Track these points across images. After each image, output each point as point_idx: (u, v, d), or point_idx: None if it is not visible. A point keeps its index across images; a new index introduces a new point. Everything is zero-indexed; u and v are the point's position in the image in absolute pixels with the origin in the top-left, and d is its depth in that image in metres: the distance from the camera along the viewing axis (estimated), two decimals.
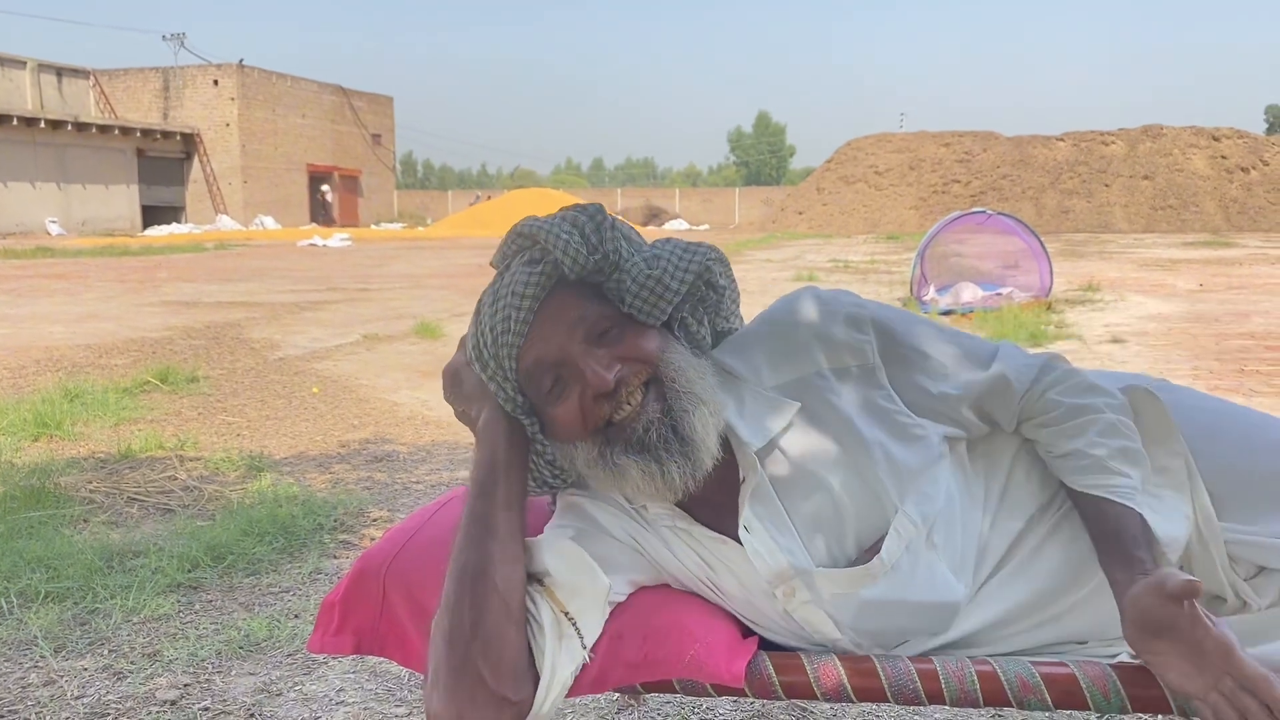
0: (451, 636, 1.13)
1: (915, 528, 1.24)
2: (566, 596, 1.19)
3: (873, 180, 37.21)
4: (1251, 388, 5.80)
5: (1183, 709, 1.16)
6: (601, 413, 1.21)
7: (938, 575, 1.25)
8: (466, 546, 1.18)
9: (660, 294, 1.25)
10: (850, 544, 1.26)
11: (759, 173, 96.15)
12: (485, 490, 1.21)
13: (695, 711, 2.20)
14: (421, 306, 10.57)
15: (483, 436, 1.25)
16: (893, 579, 1.24)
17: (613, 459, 1.22)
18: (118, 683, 2.35)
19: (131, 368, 6.66)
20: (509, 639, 1.13)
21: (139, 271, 16.05)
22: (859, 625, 1.26)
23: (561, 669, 1.16)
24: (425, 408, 5.53)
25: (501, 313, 1.22)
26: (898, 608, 1.25)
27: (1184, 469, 1.33)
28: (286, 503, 3.57)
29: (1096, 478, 1.25)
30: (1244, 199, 33.25)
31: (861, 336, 1.32)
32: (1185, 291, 11.59)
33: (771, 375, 1.31)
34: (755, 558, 1.25)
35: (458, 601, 1.14)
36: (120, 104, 39.88)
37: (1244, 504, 1.32)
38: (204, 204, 39.55)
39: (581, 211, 1.27)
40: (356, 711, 2.22)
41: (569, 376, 1.22)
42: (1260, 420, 1.42)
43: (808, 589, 1.25)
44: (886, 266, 16.35)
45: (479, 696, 1.10)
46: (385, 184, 50.02)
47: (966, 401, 1.32)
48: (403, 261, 19.06)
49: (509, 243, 1.28)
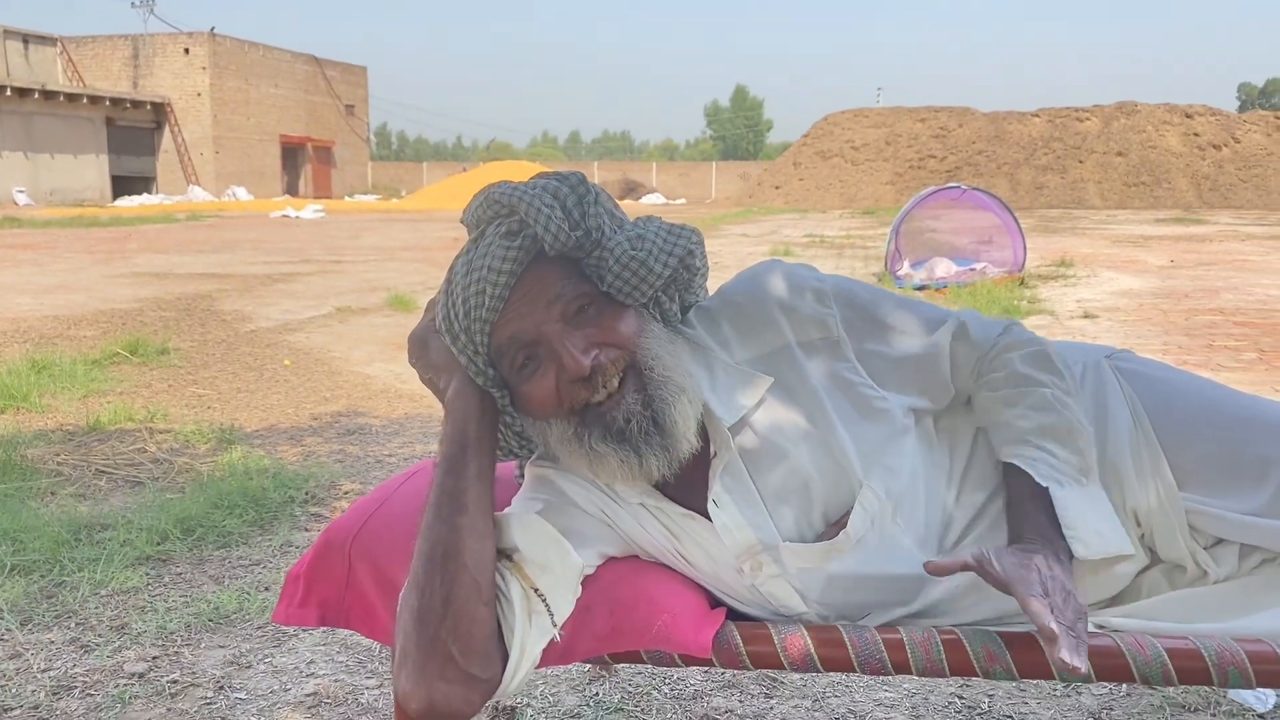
0: (421, 615, 1.10)
1: (880, 502, 1.25)
2: (535, 573, 1.18)
3: (849, 155, 37.19)
4: (1219, 363, 5.86)
5: (1145, 678, 1.17)
6: (578, 396, 1.19)
7: (902, 548, 1.26)
8: (436, 523, 1.15)
9: (643, 276, 1.22)
10: (818, 518, 1.27)
11: (736, 147, 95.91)
12: (455, 465, 1.18)
13: (666, 682, 2.21)
14: (395, 279, 10.50)
15: (452, 409, 1.22)
16: (859, 553, 1.25)
17: (590, 444, 1.20)
18: (85, 655, 2.33)
19: (100, 339, 6.58)
20: (479, 617, 1.11)
21: (109, 242, 15.84)
22: (825, 599, 1.27)
23: (531, 646, 1.14)
24: (398, 380, 5.50)
25: (475, 286, 1.18)
26: (864, 581, 1.26)
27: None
28: (257, 475, 3.55)
29: (1016, 448, 1.27)
30: (1215, 176, 33.49)
31: (825, 310, 1.32)
32: (1156, 268, 11.68)
33: (741, 349, 1.31)
34: (724, 532, 1.25)
35: (427, 580, 1.12)
36: (88, 72, 39.21)
37: (1204, 475, 1.33)
38: (175, 175, 39.03)
39: (563, 182, 1.22)
40: (327, 684, 2.21)
41: (544, 355, 1.19)
42: (1223, 393, 1.43)
43: (775, 564, 1.25)
44: (862, 242, 16.38)
45: (449, 675, 1.09)
46: (359, 155, 49.53)
47: (930, 362, 1.33)
48: (376, 234, 18.91)
49: (483, 207, 1.22)
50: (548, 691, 2.17)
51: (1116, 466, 1.34)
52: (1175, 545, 1.33)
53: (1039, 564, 1.13)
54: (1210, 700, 2.07)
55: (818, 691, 2.16)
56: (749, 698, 2.14)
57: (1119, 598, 1.32)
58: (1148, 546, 1.35)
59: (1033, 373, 1.31)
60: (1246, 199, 32.26)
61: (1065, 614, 1.08)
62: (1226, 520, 1.31)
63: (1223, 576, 1.31)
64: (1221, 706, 2.05)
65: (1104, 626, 1.25)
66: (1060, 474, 1.25)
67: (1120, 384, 1.42)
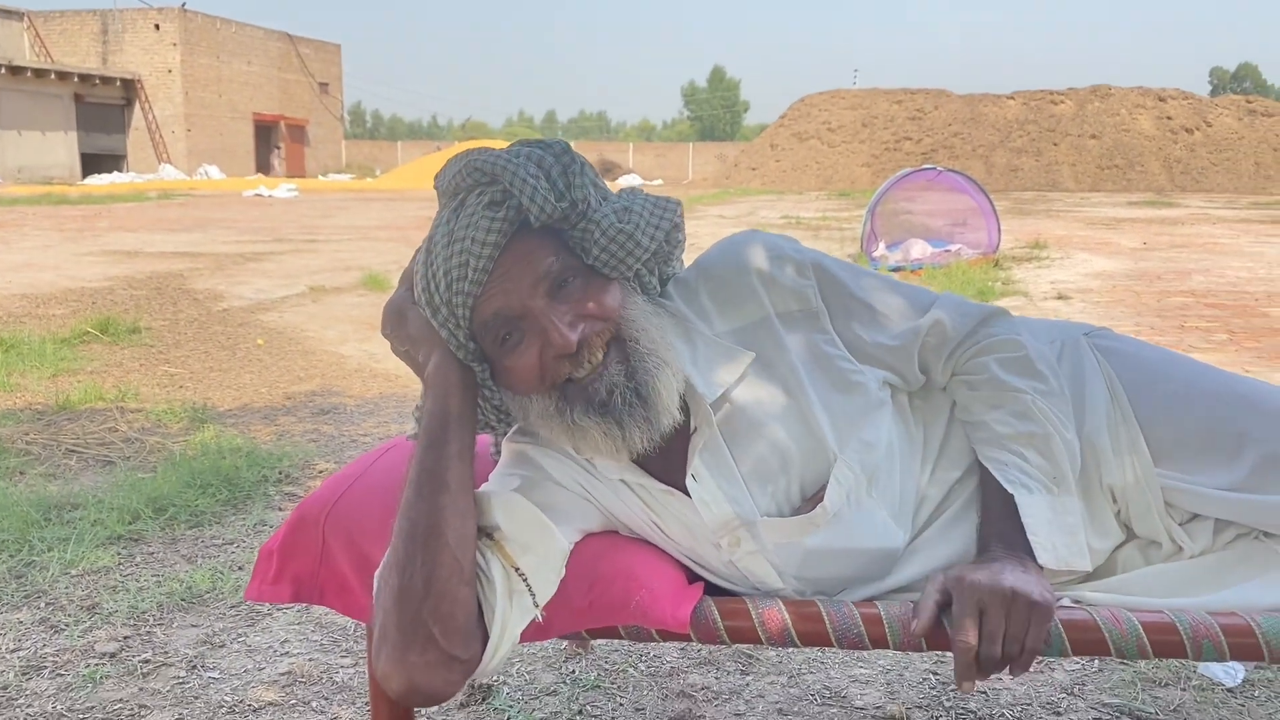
0: (401, 595, 1.08)
1: (856, 475, 1.25)
2: (517, 552, 1.16)
3: (826, 137, 37.18)
4: (1191, 343, 5.91)
5: (1120, 651, 1.18)
6: (562, 371, 1.18)
7: (878, 522, 1.26)
8: (417, 501, 1.12)
9: (630, 250, 1.20)
10: (795, 492, 1.26)
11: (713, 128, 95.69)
12: (436, 442, 1.15)
13: (643, 659, 2.21)
14: (370, 258, 10.42)
15: (433, 384, 1.19)
16: (835, 527, 1.24)
17: (573, 418, 1.18)
18: (55, 635, 2.30)
19: (70, 318, 6.50)
20: (460, 597, 1.09)
21: (78, 220, 15.63)
22: (802, 573, 1.27)
23: (512, 626, 1.13)
24: (373, 360, 5.47)
25: (457, 258, 1.14)
26: (840, 555, 1.26)
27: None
28: (230, 455, 3.52)
29: (992, 451, 1.28)
30: (1187, 159, 33.74)
31: (805, 281, 1.31)
32: (1129, 250, 11.76)
33: (721, 321, 1.30)
34: (702, 507, 1.24)
35: (408, 559, 1.09)
36: (56, 47, 38.60)
37: (1181, 452, 1.34)
38: (146, 152, 38.53)
39: (547, 150, 1.18)
40: (301, 663, 2.20)
41: (528, 329, 1.17)
42: (1201, 370, 1.43)
43: (752, 539, 1.25)
44: (838, 223, 16.40)
45: (429, 656, 1.07)
46: (333, 134, 49.07)
47: (903, 350, 1.32)
48: (351, 213, 18.76)
49: (463, 174, 1.17)
50: (524, 669, 2.16)
51: (1094, 442, 1.34)
52: (1151, 521, 1.33)
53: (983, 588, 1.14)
54: (1180, 675, 2.10)
55: (794, 668, 2.17)
56: (725, 674, 2.15)
57: (1095, 573, 1.32)
58: (1123, 523, 1.36)
59: (1013, 379, 1.30)
60: (1217, 182, 32.54)
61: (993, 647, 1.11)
62: (1202, 496, 1.31)
63: (1198, 551, 1.32)
64: (1192, 681, 2.07)
65: (1080, 601, 1.26)
66: (1031, 479, 1.25)
67: (1098, 361, 1.42)
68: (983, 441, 1.30)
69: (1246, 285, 8.50)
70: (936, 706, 2.02)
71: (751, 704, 2.04)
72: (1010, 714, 1.99)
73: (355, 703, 2.04)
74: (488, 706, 2.02)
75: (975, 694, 2.05)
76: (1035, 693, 2.06)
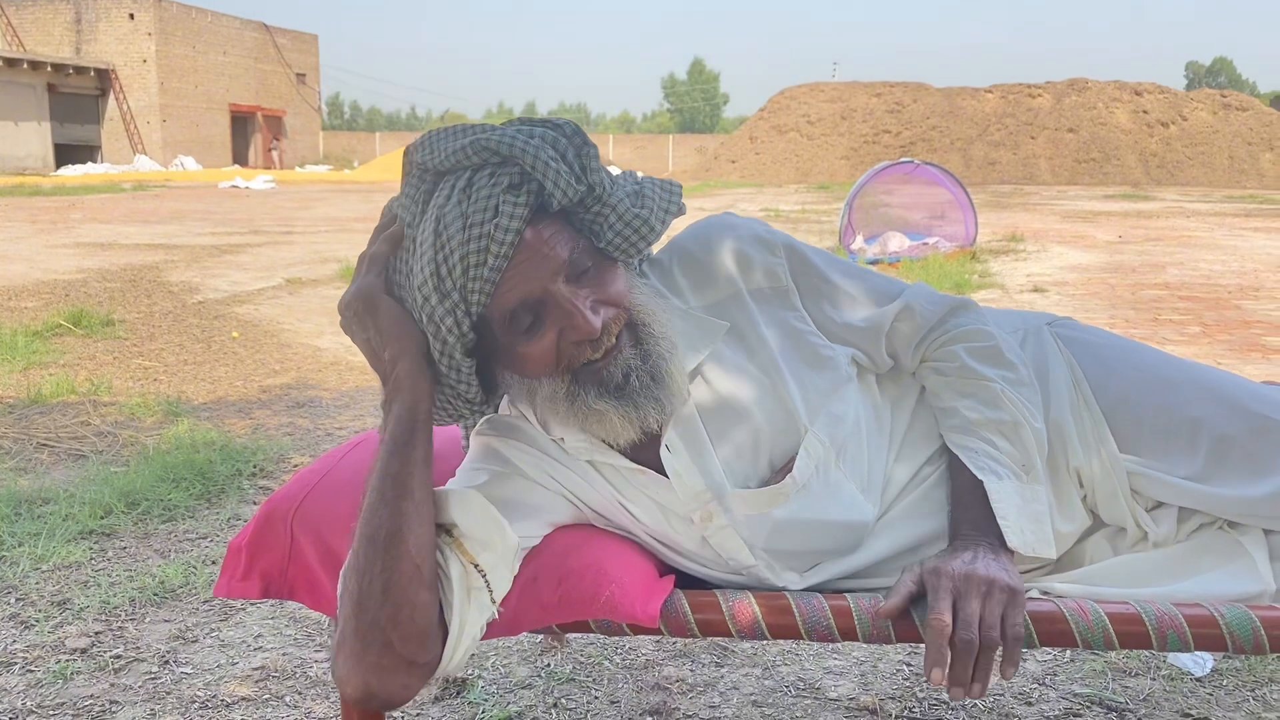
0: (360, 601, 1.07)
1: (825, 448, 1.26)
2: (475, 549, 1.15)
3: (805, 130, 37.24)
4: (1165, 336, 5.96)
5: (1087, 642, 1.19)
6: (580, 355, 1.16)
7: (846, 495, 1.28)
8: (380, 507, 1.10)
9: (644, 235, 1.18)
10: (765, 464, 1.27)
11: (693, 120, 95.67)
12: (401, 447, 1.13)
13: (618, 652, 2.21)
14: (347, 250, 10.37)
15: (402, 386, 1.15)
16: (803, 499, 1.25)
17: (589, 402, 1.17)
18: (25, 631, 2.28)
19: (42, 310, 6.44)
20: (420, 602, 1.08)
21: (51, 212, 15.47)
22: (771, 545, 1.27)
23: (470, 624, 1.12)
24: (349, 353, 5.44)
25: (476, 244, 1.09)
26: (809, 528, 1.27)
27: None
28: (204, 448, 3.49)
29: (962, 438, 1.30)
30: (1163, 153, 34.01)
31: (774, 259, 1.33)
32: (1104, 243, 11.84)
33: (694, 297, 1.32)
34: (675, 479, 1.25)
35: (368, 565, 1.08)
36: (29, 36, 38.13)
37: (1142, 439, 1.36)
38: (121, 143, 38.15)
39: (559, 132, 1.14)
40: (275, 657, 2.19)
41: (548, 315, 1.14)
42: (1157, 357, 1.46)
43: (724, 513, 1.25)
44: (817, 216, 16.44)
45: (386, 662, 1.06)
46: (310, 125, 48.74)
47: (872, 333, 1.34)
48: (328, 204, 18.65)
49: (466, 152, 1.12)
50: (499, 663, 2.16)
51: (1060, 427, 1.36)
52: (1117, 506, 1.35)
53: (955, 573, 1.15)
54: (1150, 665, 2.12)
55: (768, 660, 2.18)
56: (700, 666, 2.15)
57: (1063, 563, 1.34)
58: (1090, 508, 1.37)
59: (983, 367, 1.32)
60: (1192, 176, 32.81)
61: (967, 630, 1.12)
62: (1165, 484, 1.33)
63: (1162, 538, 1.34)
64: (1162, 671, 2.10)
65: (1049, 592, 1.27)
66: (1000, 466, 1.26)
67: (1060, 350, 1.44)
68: (952, 428, 1.31)
69: (1220, 278, 8.57)
70: (909, 697, 2.03)
71: (726, 696, 2.04)
72: (982, 704, 2.00)
73: (329, 698, 2.03)
74: (462, 700, 2.02)
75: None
76: (1007, 683, 2.08)
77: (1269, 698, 2.01)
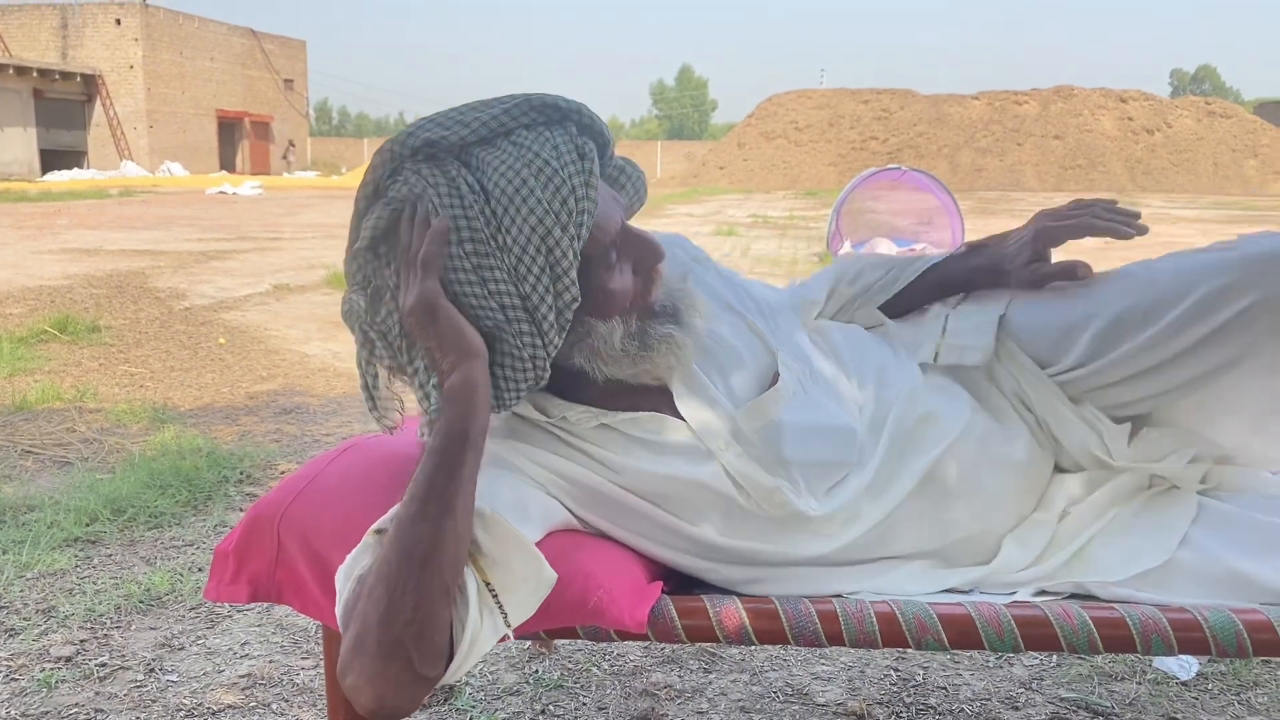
0: (389, 615, 1.03)
1: (800, 365, 1.40)
2: (489, 566, 1.11)
3: (793, 136, 37.34)
4: None
5: (1073, 646, 1.19)
6: (651, 287, 1.28)
7: (829, 404, 1.38)
8: (421, 522, 1.06)
9: (642, 196, 1.31)
10: (754, 389, 1.37)
11: (681, 126, 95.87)
12: (450, 463, 1.09)
13: (606, 658, 2.21)
14: (334, 256, 10.34)
15: (459, 398, 1.12)
16: (797, 404, 1.35)
17: (658, 330, 1.26)
18: (9, 640, 2.27)
19: (28, 317, 6.41)
20: (440, 621, 1.06)
21: (37, 218, 15.39)
22: (783, 456, 1.32)
23: (482, 643, 1.09)
24: (336, 359, 5.43)
25: (579, 178, 1.16)
26: (814, 433, 1.34)
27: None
28: (191, 455, 3.48)
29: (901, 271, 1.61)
30: (1148, 160, 34.22)
31: (697, 251, 1.51)
32: (1091, 248, 11.87)
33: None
34: (688, 412, 1.31)
35: (401, 580, 1.04)
36: (14, 42, 37.95)
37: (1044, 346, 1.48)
38: (108, 149, 37.96)
39: (560, 99, 1.24)
40: (262, 664, 2.18)
41: (623, 251, 1.25)
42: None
43: (736, 441, 1.31)
44: (804, 222, 16.47)
45: (403, 679, 1.04)
46: (298, 131, 48.65)
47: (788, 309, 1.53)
48: (316, 210, 18.61)
49: (515, 111, 1.18)
50: (487, 669, 2.16)
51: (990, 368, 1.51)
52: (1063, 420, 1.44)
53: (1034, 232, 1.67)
54: (1136, 669, 2.13)
55: (756, 666, 2.18)
56: (688, 672, 2.15)
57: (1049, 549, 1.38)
58: (1051, 437, 1.46)
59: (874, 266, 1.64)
60: (1177, 183, 33.03)
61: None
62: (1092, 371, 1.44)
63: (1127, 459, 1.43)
64: (1148, 675, 2.11)
65: (1045, 591, 1.31)
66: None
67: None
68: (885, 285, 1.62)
69: None
70: (897, 703, 2.04)
71: (714, 702, 2.05)
72: (969, 709, 2.01)
73: (316, 704, 2.02)
74: (450, 707, 2.02)
75: (933, 690, 2.07)
76: (994, 687, 2.08)
77: (1254, 701, 2.02)
